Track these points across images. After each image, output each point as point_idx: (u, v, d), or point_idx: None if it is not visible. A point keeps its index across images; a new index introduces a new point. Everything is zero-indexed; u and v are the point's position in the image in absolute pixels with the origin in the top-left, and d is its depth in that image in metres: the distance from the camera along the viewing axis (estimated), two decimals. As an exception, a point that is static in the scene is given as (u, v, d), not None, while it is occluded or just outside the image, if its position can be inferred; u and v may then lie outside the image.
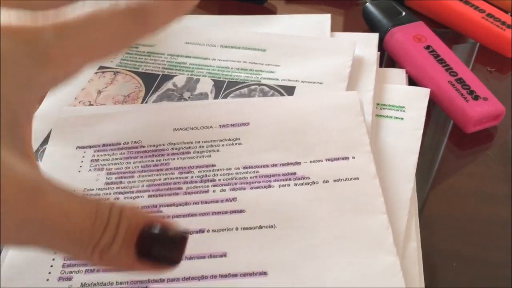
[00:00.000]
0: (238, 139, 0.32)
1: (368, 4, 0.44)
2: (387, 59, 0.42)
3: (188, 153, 0.32)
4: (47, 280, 0.26)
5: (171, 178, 0.30)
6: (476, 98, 0.35)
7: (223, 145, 0.32)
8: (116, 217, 0.20)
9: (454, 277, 0.28)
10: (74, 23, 0.22)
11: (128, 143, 0.33)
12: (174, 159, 0.32)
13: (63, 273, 0.26)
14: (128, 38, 0.25)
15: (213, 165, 0.31)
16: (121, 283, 0.26)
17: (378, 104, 0.35)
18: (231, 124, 0.33)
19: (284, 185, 0.29)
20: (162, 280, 0.26)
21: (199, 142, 0.32)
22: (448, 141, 0.36)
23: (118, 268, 0.22)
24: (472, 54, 0.43)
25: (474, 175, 0.34)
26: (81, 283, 0.26)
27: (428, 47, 0.39)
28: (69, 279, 0.26)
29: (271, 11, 0.48)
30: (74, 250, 0.20)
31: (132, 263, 0.21)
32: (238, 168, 0.31)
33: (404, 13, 0.42)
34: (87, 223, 0.20)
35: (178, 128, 0.33)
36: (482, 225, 0.30)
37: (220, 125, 0.33)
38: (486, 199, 0.32)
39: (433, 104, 0.37)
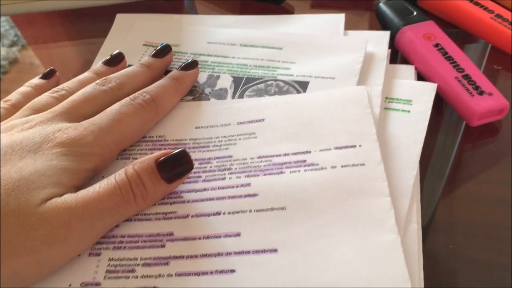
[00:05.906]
0: (254, 133, 0.34)
1: (381, 4, 0.46)
2: (399, 57, 0.43)
3: (208, 147, 0.34)
4: (79, 255, 0.28)
5: None
6: (481, 93, 0.36)
7: (240, 139, 0.34)
8: (133, 174, 0.28)
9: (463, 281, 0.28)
10: (106, 126, 0.31)
11: (153, 136, 0.35)
12: (195, 151, 0.34)
13: (93, 249, 0.28)
14: (147, 125, 0.35)
15: (230, 156, 0.33)
16: (145, 258, 0.28)
17: (386, 97, 0.36)
18: (248, 121, 0.35)
19: (294, 171, 0.31)
20: (182, 257, 0.28)
21: (218, 137, 0.35)
22: (453, 134, 0.37)
23: (163, 196, 0.31)
24: (484, 53, 0.44)
25: (481, 178, 0.34)
26: (109, 258, 0.28)
27: (437, 45, 0.40)
28: (98, 254, 0.28)
29: (288, 11, 0.50)
30: (124, 213, 0.29)
31: (168, 188, 0.30)
32: (253, 158, 0.33)
33: (415, 13, 0.44)
34: (116, 196, 0.28)
35: (199, 126, 0.36)
36: (488, 229, 0.31)
37: (237, 122, 0.35)
38: (492, 202, 0.32)
39: (440, 99, 0.38)
